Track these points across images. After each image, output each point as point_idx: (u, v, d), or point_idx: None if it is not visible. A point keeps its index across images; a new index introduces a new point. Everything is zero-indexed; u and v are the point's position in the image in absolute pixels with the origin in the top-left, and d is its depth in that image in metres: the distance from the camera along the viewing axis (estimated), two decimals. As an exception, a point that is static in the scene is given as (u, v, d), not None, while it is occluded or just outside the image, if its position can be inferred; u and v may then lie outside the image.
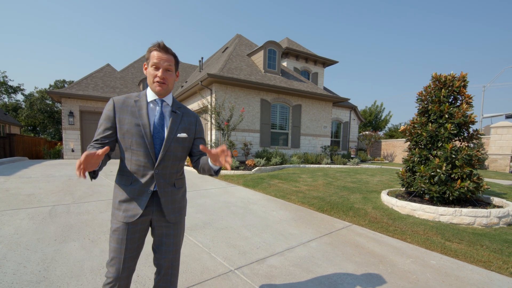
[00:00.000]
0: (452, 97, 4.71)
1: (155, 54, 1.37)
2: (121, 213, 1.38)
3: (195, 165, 1.56)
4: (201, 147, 1.32)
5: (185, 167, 9.17)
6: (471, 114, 4.44)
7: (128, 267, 1.41)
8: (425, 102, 4.92)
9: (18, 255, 2.48)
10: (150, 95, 1.45)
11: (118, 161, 1.49)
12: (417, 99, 5.05)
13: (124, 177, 1.42)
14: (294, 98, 12.68)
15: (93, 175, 1.30)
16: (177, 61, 1.47)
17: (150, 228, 1.52)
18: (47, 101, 29.37)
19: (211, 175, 1.48)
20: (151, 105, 1.45)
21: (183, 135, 1.46)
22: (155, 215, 1.45)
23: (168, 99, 1.49)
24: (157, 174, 1.41)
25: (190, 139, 1.53)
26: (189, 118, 1.55)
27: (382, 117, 28.04)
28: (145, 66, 1.45)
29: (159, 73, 1.38)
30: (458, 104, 4.68)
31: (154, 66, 1.38)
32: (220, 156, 1.31)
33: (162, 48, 1.39)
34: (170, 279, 1.55)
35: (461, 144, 4.68)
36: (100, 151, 1.17)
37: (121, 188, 1.41)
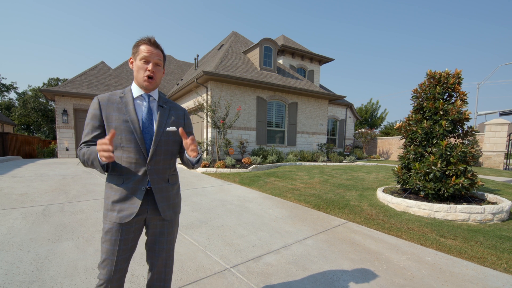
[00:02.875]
0: (446, 94, 4.73)
1: (144, 48, 1.35)
2: (115, 213, 1.35)
3: (182, 160, 1.54)
4: (180, 130, 1.31)
5: (179, 165, 9.12)
6: (466, 111, 4.46)
7: (121, 268, 1.38)
8: (420, 99, 4.94)
9: (10, 255, 2.44)
10: (136, 90, 1.43)
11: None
12: (412, 96, 5.07)
13: (116, 177, 1.38)
14: (290, 96, 12.67)
15: (106, 168, 1.30)
16: (164, 58, 1.46)
17: (144, 227, 1.49)
18: (41, 100, 28.97)
19: (191, 167, 1.47)
20: (138, 100, 1.43)
21: (173, 128, 1.45)
22: (149, 214, 1.42)
23: (155, 94, 1.47)
24: (150, 170, 1.39)
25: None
26: (177, 112, 1.53)
27: (378, 115, 28.15)
28: (131, 60, 1.43)
29: (150, 66, 1.36)
30: (452, 101, 4.71)
31: (144, 60, 1.36)
32: (189, 146, 1.31)
33: (153, 43, 1.37)
34: (164, 277, 1.53)
35: (455, 141, 4.71)
36: (107, 138, 1.14)
37: (113, 188, 1.38)
